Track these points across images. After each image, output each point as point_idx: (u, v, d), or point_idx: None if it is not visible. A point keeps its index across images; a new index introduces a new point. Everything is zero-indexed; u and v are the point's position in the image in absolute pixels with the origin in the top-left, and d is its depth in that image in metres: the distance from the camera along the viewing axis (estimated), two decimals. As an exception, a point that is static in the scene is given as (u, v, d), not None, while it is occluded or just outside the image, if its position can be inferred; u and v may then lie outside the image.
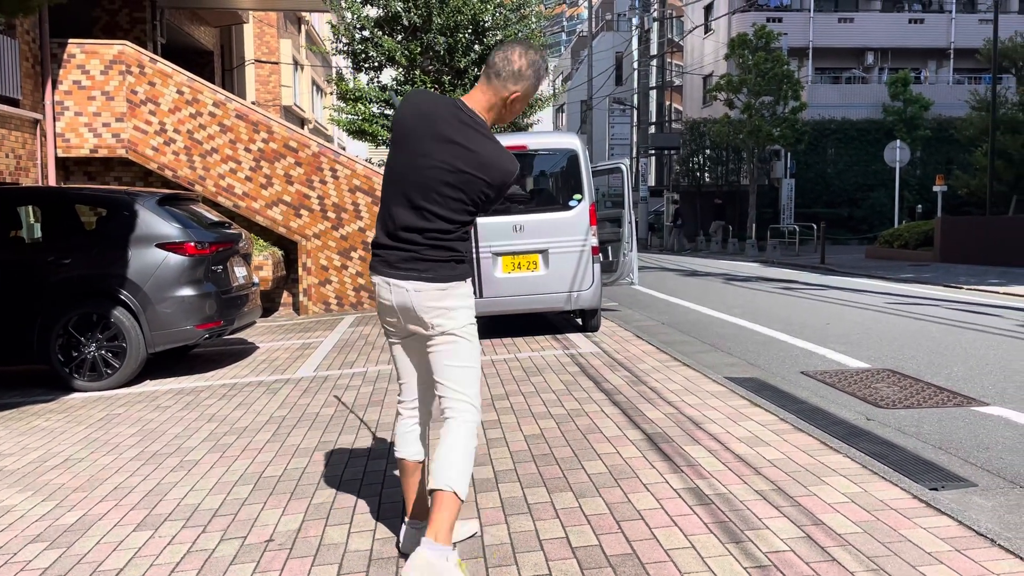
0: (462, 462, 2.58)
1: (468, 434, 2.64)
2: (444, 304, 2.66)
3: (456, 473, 2.55)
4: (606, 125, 44.94)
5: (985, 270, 16.10)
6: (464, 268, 2.70)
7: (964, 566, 2.66)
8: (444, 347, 2.68)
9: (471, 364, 2.70)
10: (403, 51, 15.59)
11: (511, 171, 2.65)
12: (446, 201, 2.62)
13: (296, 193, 10.80)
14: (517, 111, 2.76)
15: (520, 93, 2.69)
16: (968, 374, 6.04)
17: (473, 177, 2.61)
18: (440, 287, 2.65)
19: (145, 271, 6.50)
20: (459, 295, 2.69)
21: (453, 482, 2.53)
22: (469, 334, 2.70)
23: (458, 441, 2.61)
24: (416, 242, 2.64)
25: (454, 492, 2.53)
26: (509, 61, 2.66)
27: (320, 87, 30.47)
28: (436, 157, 2.62)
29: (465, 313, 2.70)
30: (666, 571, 2.71)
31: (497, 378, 6.08)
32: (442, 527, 2.50)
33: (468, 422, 2.66)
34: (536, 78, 2.71)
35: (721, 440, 4.17)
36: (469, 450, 2.62)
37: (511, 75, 2.66)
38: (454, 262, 2.67)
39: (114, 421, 5.32)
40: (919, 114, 30.32)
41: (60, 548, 3.19)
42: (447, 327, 2.67)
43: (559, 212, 7.89)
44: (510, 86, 2.67)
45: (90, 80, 10.45)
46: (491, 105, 2.70)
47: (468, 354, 2.70)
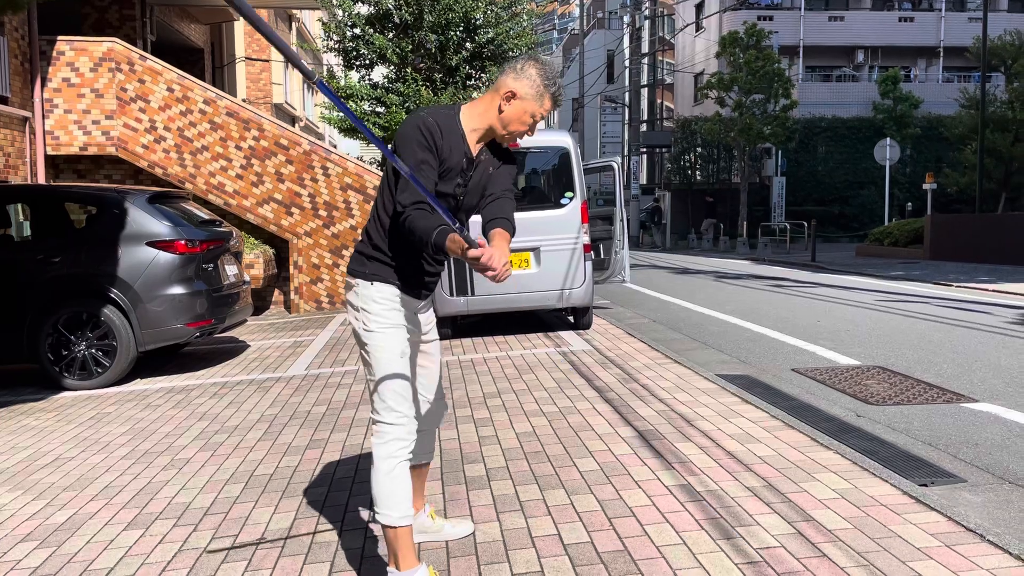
0: (380, 490, 2.46)
1: (380, 456, 2.48)
2: (351, 300, 2.58)
3: (380, 505, 2.46)
4: (597, 123, 45.02)
5: (974, 268, 16.19)
6: (375, 267, 2.53)
7: (953, 561, 2.68)
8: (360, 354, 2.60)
9: (372, 376, 2.53)
10: (394, 49, 15.56)
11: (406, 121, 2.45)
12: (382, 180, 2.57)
13: (287, 191, 10.77)
14: (514, 119, 2.51)
15: (517, 91, 2.47)
16: (957, 371, 6.07)
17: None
18: (348, 280, 2.59)
19: (135, 269, 6.47)
20: (361, 295, 2.54)
21: (380, 516, 2.47)
22: (371, 344, 2.52)
23: (375, 470, 2.48)
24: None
25: (384, 525, 2.46)
26: (515, 62, 2.52)
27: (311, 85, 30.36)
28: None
29: (367, 318, 2.52)
30: (658, 567, 2.72)
31: (489, 376, 6.08)
32: (399, 554, 2.47)
33: (379, 444, 2.49)
34: (540, 82, 2.48)
35: (712, 437, 4.19)
36: (383, 472, 2.46)
37: (512, 71, 2.49)
38: (364, 256, 2.56)
39: (104, 420, 5.30)
40: (909, 112, 30.47)
41: (50, 547, 3.17)
42: (353, 328, 2.58)
43: (551, 210, 7.89)
44: (509, 82, 2.48)
45: (79, 77, 10.40)
46: (487, 104, 2.53)
47: (372, 367, 2.52)
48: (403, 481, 2.47)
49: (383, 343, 2.51)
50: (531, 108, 2.49)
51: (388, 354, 2.51)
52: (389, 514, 2.45)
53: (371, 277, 2.53)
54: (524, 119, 2.51)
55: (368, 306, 2.52)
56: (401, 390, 2.51)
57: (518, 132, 2.54)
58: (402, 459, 2.49)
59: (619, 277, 9.12)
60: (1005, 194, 24.39)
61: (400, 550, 2.47)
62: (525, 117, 2.51)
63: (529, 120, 2.52)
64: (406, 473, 2.49)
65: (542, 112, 2.53)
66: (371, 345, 2.51)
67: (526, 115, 2.50)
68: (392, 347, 2.52)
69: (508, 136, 2.56)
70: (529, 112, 2.50)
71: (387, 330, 2.53)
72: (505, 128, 2.53)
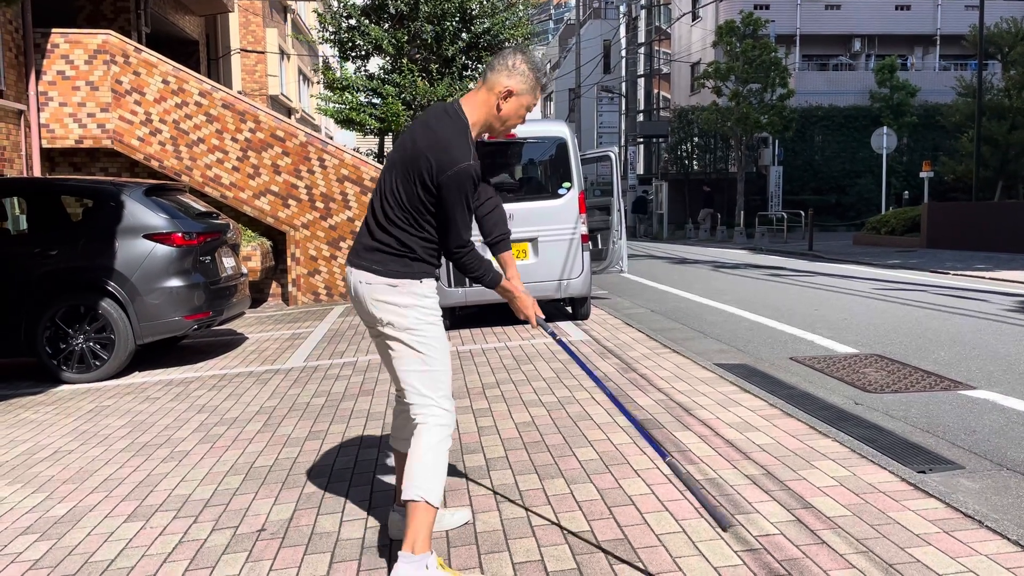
0: (430, 470, 2.51)
1: (438, 439, 2.56)
2: (395, 301, 2.59)
3: (424, 481, 2.49)
4: (594, 113, 44.94)
5: (971, 255, 16.20)
6: (421, 267, 2.62)
7: (952, 547, 2.69)
8: (396, 345, 2.62)
9: (431, 367, 2.60)
10: (390, 39, 15.51)
11: (456, 158, 2.47)
12: (403, 183, 2.58)
13: (284, 183, 10.75)
14: (512, 114, 2.65)
15: (514, 88, 2.60)
16: (955, 358, 6.09)
17: (423, 156, 2.51)
18: (391, 282, 2.59)
19: (133, 262, 6.46)
20: (412, 293, 2.60)
21: (423, 491, 2.47)
22: (426, 336, 2.60)
23: (427, 448, 2.53)
24: (378, 225, 2.63)
25: (425, 501, 2.47)
26: (503, 58, 2.64)
27: (307, 76, 30.29)
28: (406, 140, 2.63)
29: (420, 312, 2.60)
30: (658, 555, 2.73)
31: (487, 366, 6.08)
32: (417, 537, 2.47)
33: (437, 425, 2.57)
34: (532, 77, 2.63)
35: (711, 426, 4.20)
36: (438, 455, 2.53)
37: (504, 69, 2.61)
38: (407, 258, 2.60)
39: (103, 413, 5.30)
40: (906, 101, 30.44)
41: (51, 540, 3.18)
42: (399, 325, 2.59)
43: (548, 200, 7.88)
44: (503, 80, 2.60)
45: (74, 70, 10.35)
46: (483, 102, 2.63)
47: (428, 356, 2.60)
48: (446, 464, 2.60)
49: (439, 334, 2.65)
50: (526, 101, 2.68)
51: (442, 344, 2.66)
52: (437, 493, 2.52)
53: (419, 275, 2.63)
54: (520, 112, 2.70)
55: (422, 301, 2.63)
56: (450, 378, 2.69)
57: (515, 124, 2.73)
58: (450, 442, 2.62)
59: (617, 267, 9.13)
60: (1002, 182, 24.38)
61: (425, 533, 2.48)
62: (521, 111, 2.69)
63: (524, 112, 2.71)
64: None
65: (535, 102, 2.72)
66: (429, 336, 2.62)
67: (522, 108, 2.69)
68: (443, 338, 2.68)
69: (506, 129, 2.71)
70: (524, 105, 2.68)
71: (439, 323, 2.67)
72: (504, 123, 2.69)
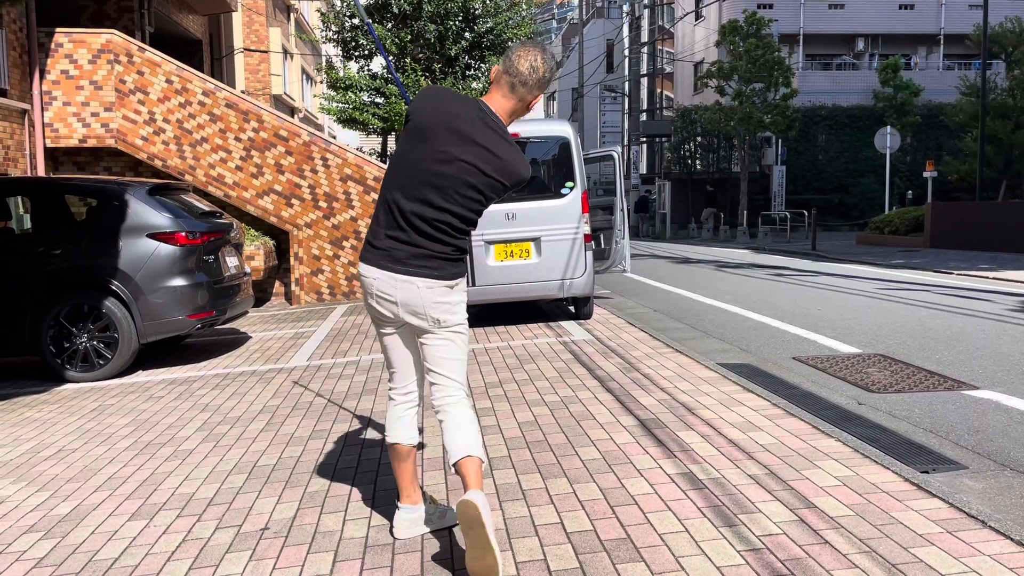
0: (477, 433, 2.75)
1: (470, 412, 2.80)
2: (450, 300, 2.73)
3: (476, 442, 2.71)
4: (597, 113, 44.92)
5: (975, 255, 16.18)
6: (466, 263, 2.82)
7: (955, 547, 2.69)
8: (443, 342, 2.78)
9: (464, 356, 2.83)
10: (393, 39, 15.52)
11: (526, 176, 2.75)
12: (465, 201, 2.66)
13: (287, 182, 10.76)
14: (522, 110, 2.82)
15: (539, 98, 2.81)
16: (958, 358, 6.08)
17: (495, 181, 2.67)
18: (449, 284, 2.72)
19: (136, 261, 6.47)
20: (461, 290, 2.79)
21: (478, 449, 2.69)
22: (466, 327, 2.82)
23: (467, 418, 2.76)
24: (430, 237, 2.66)
25: (481, 458, 2.69)
26: (535, 70, 2.68)
27: (310, 76, 30.31)
28: (461, 157, 2.62)
29: (464, 307, 2.80)
30: (660, 555, 2.73)
31: (491, 366, 6.09)
32: (480, 480, 2.66)
33: (466, 404, 2.79)
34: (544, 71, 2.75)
35: (714, 425, 4.20)
36: (476, 423, 2.79)
37: (537, 83, 2.72)
38: (460, 260, 2.77)
39: (107, 412, 5.31)
40: (909, 100, 30.38)
41: (55, 538, 3.18)
42: (450, 322, 2.75)
43: (551, 200, 7.88)
44: (536, 92, 2.74)
45: (78, 69, 10.37)
46: (513, 111, 2.76)
47: (464, 347, 2.82)
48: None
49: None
50: (536, 94, 2.77)
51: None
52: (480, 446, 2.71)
53: (466, 271, 2.82)
54: (531, 105, 2.82)
55: (464, 297, 2.81)
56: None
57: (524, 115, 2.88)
58: None
59: (620, 267, 9.12)
60: (1006, 182, 24.34)
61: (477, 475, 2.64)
62: (533, 104, 2.82)
63: (534, 104, 2.82)
64: None
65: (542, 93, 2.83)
66: (467, 327, 2.83)
67: (533, 101, 2.82)
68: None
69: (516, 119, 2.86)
70: (534, 98, 2.79)
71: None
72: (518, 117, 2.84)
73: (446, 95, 2.73)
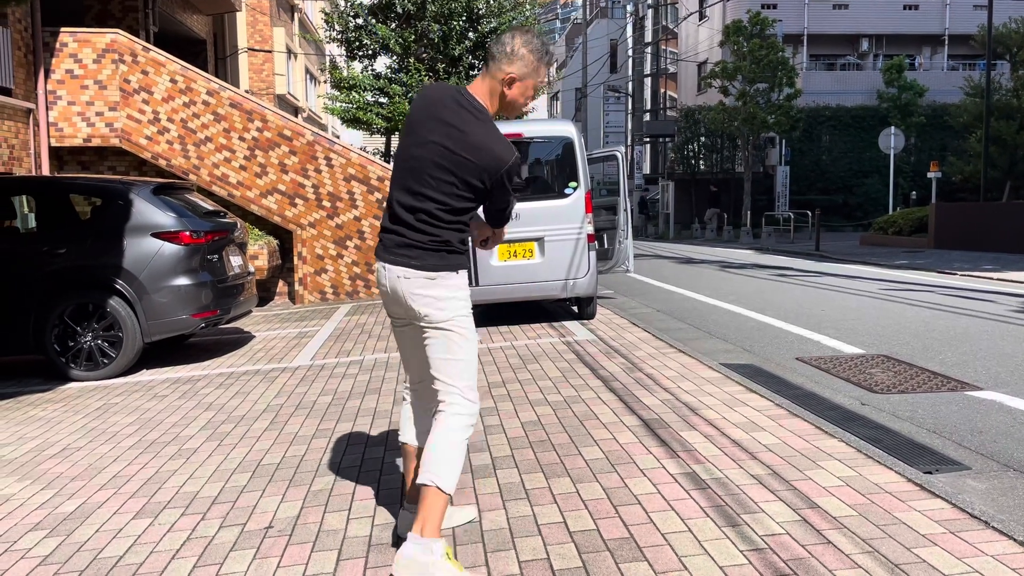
0: (448, 456, 2.55)
1: (458, 427, 2.61)
2: (432, 293, 2.64)
3: (440, 467, 2.53)
4: (601, 113, 44.87)
5: (979, 256, 16.15)
6: (457, 259, 2.67)
7: (958, 548, 2.69)
8: (435, 339, 2.66)
9: (462, 357, 2.66)
10: (397, 39, 15.54)
11: (503, 158, 2.58)
12: (438, 184, 2.61)
13: (291, 182, 10.77)
14: (518, 97, 2.70)
15: (516, 74, 2.65)
16: (962, 359, 6.07)
17: (463, 159, 2.58)
18: (428, 276, 2.63)
19: (141, 260, 6.49)
20: (449, 286, 2.65)
21: (437, 477, 2.52)
22: (460, 326, 2.66)
23: (447, 435, 2.59)
24: (409, 225, 2.65)
25: (437, 487, 2.51)
26: (502, 43, 2.67)
27: (314, 75, 30.35)
28: (430, 138, 2.63)
29: (456, 304, 2.66)
30: (663, 555, 2.73)
31: (494, 365, 6.09)
32: (428, 521, 2.51)
33: (459, 414, 2.63)
34: (534, 59, 2.66)
35: (717, 426, 4.20)
36: (457, 443, 2.58)
37: (504, 56, 2.65)
38: (445, 251, 2.65)
39: (111, 410, 5.33)
40: (914, 100, 30.32)
41: (60, 536, 3.20)
42: (436, 318, 2.64)
43: (555, 200, 7.89)
44: (504, 67, 2.64)
45: (83, 69, 10.39)
46: (491, 90, 2.69)
47: (459, 347, 2.66)
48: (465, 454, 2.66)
49: (471, 325, 2.71)
50: (530, 83, 2.71)
51: (473, 335, 2.71)
52: (453, 481, 2.56)
53: (456, 268, 2.67)
54: (527, 94, 2.74)
55: (457, 294, 2.67)
56: (476, 372, 2.73)
57: (523, 106, 2.79)
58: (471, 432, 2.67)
59: (623, 267, 9.12)
60: (1010, 182, 24.27)
61: (436, 519, 2.53)
62: (528, 92, 2.74)
63: (531, 93, 2.75)
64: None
65: (541, 80, 2.76)
66: (464, 328, 2.67)
67: (528, 90, 2.73)
68: (474, 329, 2.73)
69: (514, 112, 2.79)
70: (530, 86, 2.72)
71: (471, 314, 2.73)
72: (511, 108, 2.75)
73: (433, 88, 2.73)
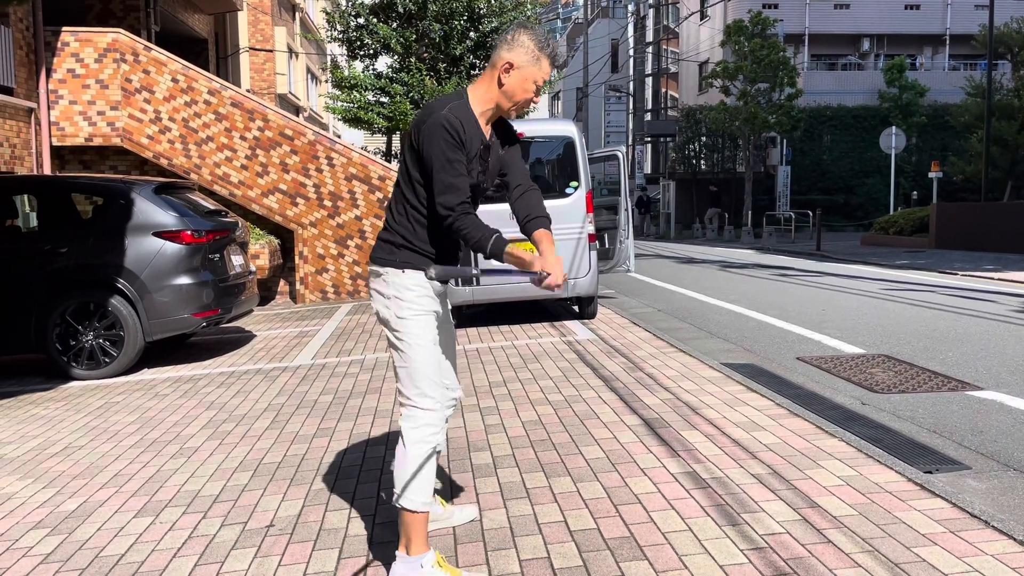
0: (406, 472, 2.48)
1: (412, 440, 2.50)
2: (378, 288, 2.58)
3: (401, 486, 2.49)
4: (602, 112, 44.83)
5: (980, 256, 16.14)
6: (404, 255, 2.54)
7: (958, 547, 2.69)
8: (389, 341, 2.59)
9: (408, 364, 2.53)
10: (398, 38, 15.53)
11: (430, 112, 2.45)
12: (400, 167, 2.60)
13: (292, 181, 10.78)
14: (516, 88, 2.54)
15: (514, 61, 2.51)
16: (962, 359, 6.08)
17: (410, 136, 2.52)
18: (375, 268, 2.59)
19: (142, 259, 6.50)
20: (394, 284, 2.55)
21: (404, 500, 2.48)
22: (404, 332, 2.53)
23: (402, 450, 2.51)
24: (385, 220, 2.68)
25: (402, 507, 2.49)
26: (504, 35, 2.58)
27: (315, 75, 30.35)
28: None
29: (399, 306, 2.54)
30: (664, 554, 2.74)
31: (495, 365, 6.10)
32: (410, 540, 2.50)
33: (411, 428, 2.52)
34: (534, 47, 2.52)
35: (718, 425, 4.20)
36: (413, 457, 2.49)
37: (504, 44, 2.54)
38: (392, 244, 2.56)
39: (113, 409, 5.34)
40: (915, 100, 30.31)
41: (61, 534, 3.20)
42: (381, 316, 2.59)
43: (556, 199, 7.87)
44: (503, 54, 2.52)
45: (84, 68, 10.41)
46: (487, 82, 2.57)
47: (405, 353, 2.54)
48: (431, 468, 2.52)
49: (416, 330, 2.54)
50: (530, 74, 2.54)
51: (422, 340, 2.54)
52: (413, 499, 2.48)
53: (402, 265, 2.54)
54: (526, 87, 2.56)
55: (401, 293, 2.54)
56: (434, 376, 2.55)
57: (523, 101, 2.59)
58: (433, 444, 2.52)
59: (624, 266, 9.13)
60: (1011, 182, 24.26)
61: (414, 535, 2.50)
62: (527, 84, 2.55)
63: (532, 87, 2.56)
64: (434, 460, 2.54)
65: (543, 76, 2.57)
66: (404, 332, 2.53)
67: (527, 82, 2.55)
68: (425, 333, 2.56)
69: (515, 107, 2.60)
70: (530, 79, 2.55)
71: (420, 317, 2.55)
72: (511, 100, 2.57)
73: None
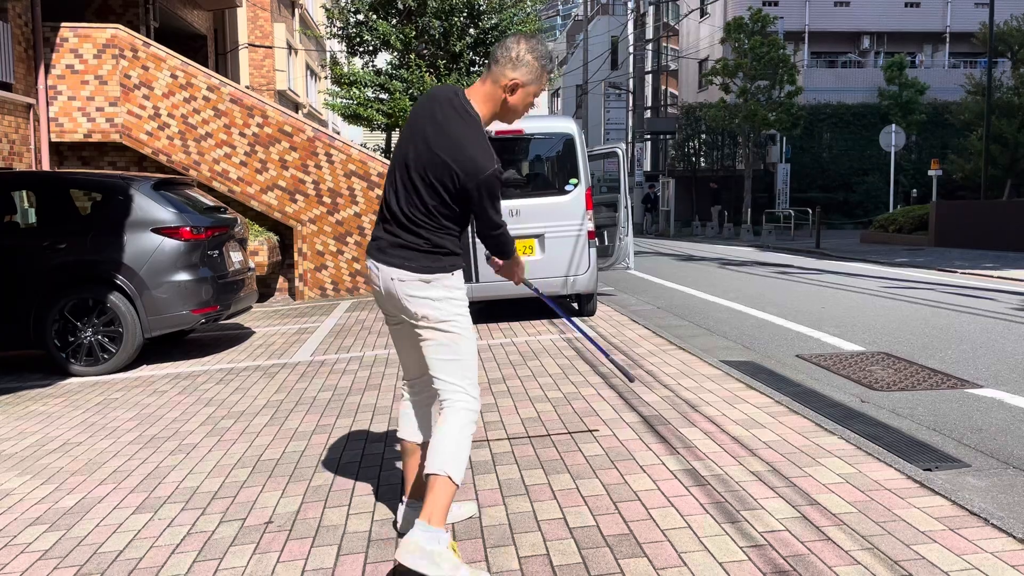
0: (456, 447, 2.57)
1: (464, 421, 2.63)
2: (427, 295, 2.63)
3: (450, 457, 2.54)
4: (602, 110, 44.84)
5: (979, 254, 16.15)
6: (451, 260, 2.66)
7: (957, 545, 2.69)
8: (433, 340, 2.66)
9: (461, 356, 2.67)
10: (398, 35, 15.51)
11: (481, 166, 2.52)
12: (423, 185, 2.60)
13: (291, 178, 10.77)
14: (519, 104, 2.68)
15: (520, 80, 2.63)
16: (962, 357, 6.08)
17: (442, 161, 2.55)
18: (424, 278, 2.62)
19: (141, 256, 6.49)
20: (445, 286, 2.64)
21: (447, 466, 2.53)
22: (458, 326, 2.66)
23: (453, 427, 2.60)
24: (401, 224, 2.65)
25: (448, 476, 2.53)
26: (507, 48, 2.64)
27: (314, 71, 30.33)
28: (417, 137, 2.63)
29: (452, 304, 2.65)
30: (663, 551, 2.74)
31: (494, 362, 6.10)
32: (435, 510, 2.51)
33: (463, 410, 2.64)
34: (539, 65, 2.64)
35: (717, 422, 4.20)
36: (464, 436, 2.61)
37: (508, 61, 2.62)
38: (438, 254, 2.63)
39: (111, 405, 5.33)
40: (915, 98, 30.26)
41: (60, 530, 3.20)
42: (433, 318, 2.64)
43: (555, 196, 7.88)
44: (508, 73, 2.62)
45: (83, 64, 10.39)
46: (488, 95, 2.66)
47: (458, 346, 2.66)
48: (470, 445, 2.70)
49: (469, 324, 2.72)
50: (534, 90, 2.70)
51: (472, 333, 2.72)
52: (460, 472, 2.58)
53: (450, 268, 2.66)
54: (528, 101, 2.73)
55: (452, 293, 2.67)
56: (476, 368, 2.74)
57: (523, 113, 2.76)
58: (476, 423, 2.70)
59: (623, 264, 9.12)
60: (1011, 180, 24.27)
61: (445, 508, 2.54)
62: (529, 99, 2.72)
63: (532, 99, 2.73)
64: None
65: (542, 88, 2.74)
66: (461, 327, 2.68)
67: (529, 97, 2.71)
68: (471, 326, 2.74)
69: (514, 118, 2.77)
70: (532, 94, 2.70)
71: (468, 312, 2.73)
72: (516, 115, 2.74)
73: (435, 88, 2.72)
